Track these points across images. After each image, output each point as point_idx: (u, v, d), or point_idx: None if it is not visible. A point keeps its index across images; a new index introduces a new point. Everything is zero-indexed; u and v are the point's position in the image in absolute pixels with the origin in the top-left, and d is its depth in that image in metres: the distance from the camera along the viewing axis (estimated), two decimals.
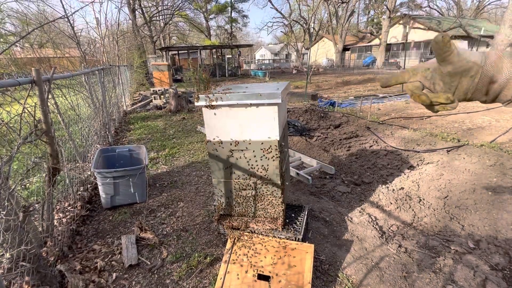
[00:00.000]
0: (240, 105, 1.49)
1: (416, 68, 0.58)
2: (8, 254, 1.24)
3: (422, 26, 21.13)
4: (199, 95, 1.52)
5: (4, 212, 1.23)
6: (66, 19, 3.50)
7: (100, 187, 2.48)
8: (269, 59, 37.53)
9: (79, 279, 1.69)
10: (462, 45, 19.32)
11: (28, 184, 1.90)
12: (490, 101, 0.54)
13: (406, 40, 13.03)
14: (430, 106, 0.56)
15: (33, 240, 1.47)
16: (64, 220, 2.20)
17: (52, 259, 1.75)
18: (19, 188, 1.68)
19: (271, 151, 1.56)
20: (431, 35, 20.70)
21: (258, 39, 55.42)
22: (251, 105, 1.47)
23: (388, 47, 23.30)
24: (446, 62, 0.51)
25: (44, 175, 1.78)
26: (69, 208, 2.38)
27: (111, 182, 2.45)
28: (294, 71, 22.58)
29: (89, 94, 3.78)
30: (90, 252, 1.98)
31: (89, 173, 3.09)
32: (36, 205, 1.81)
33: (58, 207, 2.30)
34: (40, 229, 1.79)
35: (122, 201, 2.57)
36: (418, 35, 21.91)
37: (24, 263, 1.35)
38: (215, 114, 1.55)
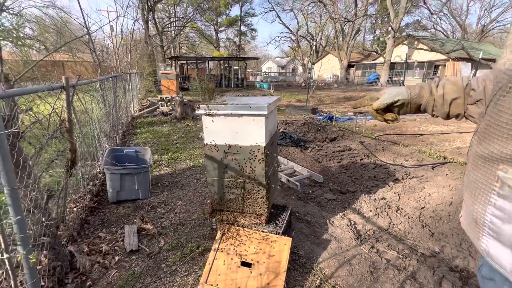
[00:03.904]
0: (234, 115, 1.77)
1: (372, 97, 0.87)
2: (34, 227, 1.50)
3: (425, 47, 21.62)
4: (200, 105, 1.80)
5: (35, 192, 1.51)
6: (87, 35, 3.87)
7: (108, 182, 2.76)
8: (275, 72, 38.31)
9: (86, 259, 1.93)
10: (465, 67, 19.66)
11: (51, 172, 2.18)
12: (423, 113, 0.83)
13: (406, 60, 13.36)
14: (384, 121, 0.88)
15: (52, 220, 1.74)
16: (74, 209, 2.46)
17: (64, 241, 2.01)
18: (45, 174, 1.96)
19: (258, 155, 1.83)
20: (434, 55, 21.16)
21: (266, 52, 56.75)
22: (242, 115, 1.75)
23: (392, 65, 23.78)
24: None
25: (63, 167, 2.06)
26: (79, 199, 2.65)
27: (118, 178, 2.72)
28: (303, 84, 23.14)
29: (102, 99, 4.12)
30: (96, 238, 2.23)
31: (98, 170, 3.37)
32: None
33: (69, 198, 2.57)
34: (54, 214, 2.06)
35: (127, 196, 2.83)
36: (422, 55, 22.39)
37: (44, 238, 1.61)
38: (212, 121, 1.84)
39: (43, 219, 1.62)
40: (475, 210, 0.59)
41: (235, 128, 1.80)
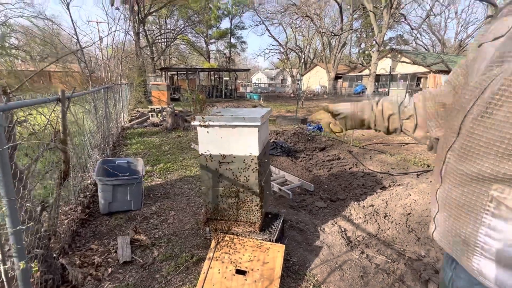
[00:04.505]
0: (228, 126, 1.85)
1: (325, 107, 0.97)
2: (28, 239, 1.49)
3: (408, 60, 22.66)
4: (195, 116, 1.87)
5: (30, 204, 1.51)
6: (79, 50, 3.91)
7: (99, 194, 2.74)
8: (265, 83, 38.91)
9: (78, 272, 1.91)
10: (445, 79, 20.66)
11: (44, 184, 2.17)
12: (367, 128, 0.91)
13: (390, 72, 13.98)
14: (331, 132, 0.96)
15: (44, 232, 1.73)
16: (65, 221, 2.43)
17: (55, 253, 1.98)
18: (39, 185, 1.95)
19: (251, 165, 1.90)
20: (416, 68, 22.18)
21: (255, 64, 57.82)
22: (236, 126, 1.83)
23: (377, 77, 24.69)
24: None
25: (56, 177, 2.05)
26: (70, 211, 2.61)
27: (111, 189, 2.71)
28: (292, 95, 23.63)
29: (93, 109, 4.11)
30: (88, 251, 2.20)
31: (88, 181, 3.34)
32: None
33: (60, 210, 2.54)
34: (46, 226, 2.03)
35: (119, 207, 2.81)
36: (405, 68, 23.43)
37: (37, 250, 1.60)
38: (207, 132, 1.90)
39: (37, 230, 1.61)
40: (463, 231, 0.55)
41: (229, 138, 1.88)
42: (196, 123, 1.87)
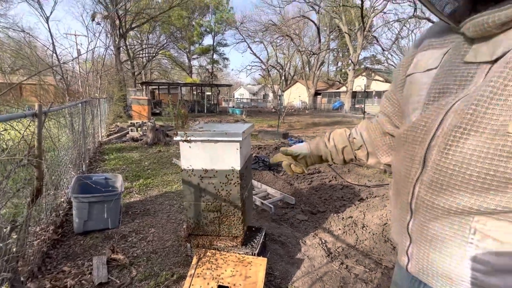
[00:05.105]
0: (210, 141, 1.89)
1: (284, 151, 1.03)
2: None
3: (381, 79, 24.18)
4: (178, 132, 1.90)
5: None
6: (57, 65, 3.84)
7: (74, 212, 2.62)
8: (247, 98, 39.49)
9: None
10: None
11: (15, 202, 2.05)
12: (326, 162, 1.00)
13: (365, 90, 14.82)
14: (292, 173, 1.04)
15: (13, 254, 1.63)
16: (35, 242, 2.29)
17: (23, 277, 1.85)
18: (10, 204, 1.84)
19: (233, 179, 1.93)
20: (389, 86, 23.63)
21: (238, 79, 58.76)
22: (219, 141, 1.87)
23: (354, 94, 26.00)
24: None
25: (27, 195, 1.96)
26: (40, 232, 2.46)
27: (86, 207, 2.60)
28: (273, 110, 24.09)
29: (69, 124, 3.98)
30: (60, 273, 2.08)
31: (62, 199, 3.18)
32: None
33: (30, 230, 2.39)
34: (14, 247, 1.91)
35: (95, 226, 2.69)
36: (379, 85, 24.92)
37: (4, 273, 1.50)
38: (190, 147, 1.93)
39: (6, 252, 1.52)
40: (445, 264, 0.52)
41: (211, 153, 1.91)
42: (178, 138, 1.90)
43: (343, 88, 27.71)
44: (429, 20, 19.15)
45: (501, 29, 0.44)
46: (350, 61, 25.08)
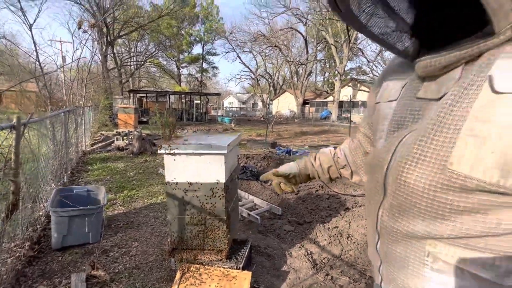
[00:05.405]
0: (195, 154, 1.89)
1: (275, 172, 1.05)
2: None
3: (367, 89, 24.93)
4: (162, 145, 1.89)
5: None
6: (41, 77, 3.76)
7: (53, 227, 2.52)
8: (236, 107, 39.64)
9: None
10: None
11: None
12: (313, 179, 1.03)
13: (351, 99, 15.22)
14: (284, 192, 1.06)
15: None
16: (8, 260, 2.17)
17: None
18: None
19: (218, 192, 1.93)
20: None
21: (227, 88, 59.09)
22: (203, 154, 1.88)
23: (341, 103, 26.64)
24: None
25: (2, 210, 1.87)
26: (15, 248, 2.35)
27: (66, 221, 2.51)
28: (262, 119, 24.26)
29: (51, 134, 3.86)
30: None
31: (40, 213, 3.05)
32: None
33: (4, 247, 2.27)
34: None
35: (74, 241, 2.59)
36: (365, 95, 25.66)
37: None
38: (174, 159, 1.92)
39: None
40: (411, 285, 0.54)
41: (196, 166, 1.91)
42: (162, 151, 1.89)
43: (330, 98, 28.38)
44: None
45: (443, 71, 0.49)
46: (336, 72, 25.81)
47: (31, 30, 4.66)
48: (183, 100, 25.35)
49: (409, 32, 0.58)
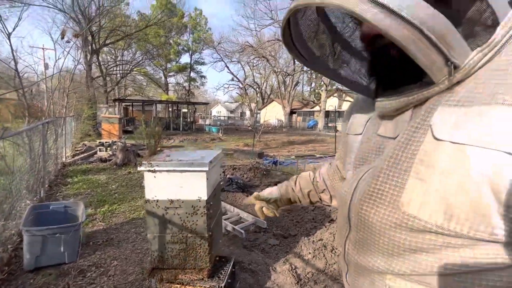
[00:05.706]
0: (176, 171, 1.87)
1: (256, 196, 1.06)
2: None
3: (351, 99, 25.68)
4: (142, 162, 1.86)
5: None
6: (20, 91, 3.64)
7: (25, 247, 2.39)
8: (224, 116, 39.67)
9: None
10: None
11: None
12: (294, 203, 1.04)
13: (336, 109, 15.59)
14: (265, 216, 1.07)
15: None
16: None
17: None
18: None
19: (200, 209, 1.91)
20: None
21: (215, 97, 59.11)
22: (184, 171, 1.86)
23: (327, 113, 27.22)
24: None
25: None
26: None
27: (40, 241, 2.39)
28: (250, 128, 24.32)
29: (28, 147, 3.71)
30: None
31: (12, 232, 2.89)
32: None
33: None
34: None
35: (48, 261, 2.46)
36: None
37: None
38: (154, 177, 1.89)
39: None
40: None
41: (177, 183, 1.88)
42: (142, 168, 1.85)
43: (317, 108, 28.97)
44: None
45: (397, 112, 0.52)
46: (322, 82, 26.48)
47: (9, 39, 4.53)
48: (170, 109, 25.10)
49: (367, 71, 0.60)
